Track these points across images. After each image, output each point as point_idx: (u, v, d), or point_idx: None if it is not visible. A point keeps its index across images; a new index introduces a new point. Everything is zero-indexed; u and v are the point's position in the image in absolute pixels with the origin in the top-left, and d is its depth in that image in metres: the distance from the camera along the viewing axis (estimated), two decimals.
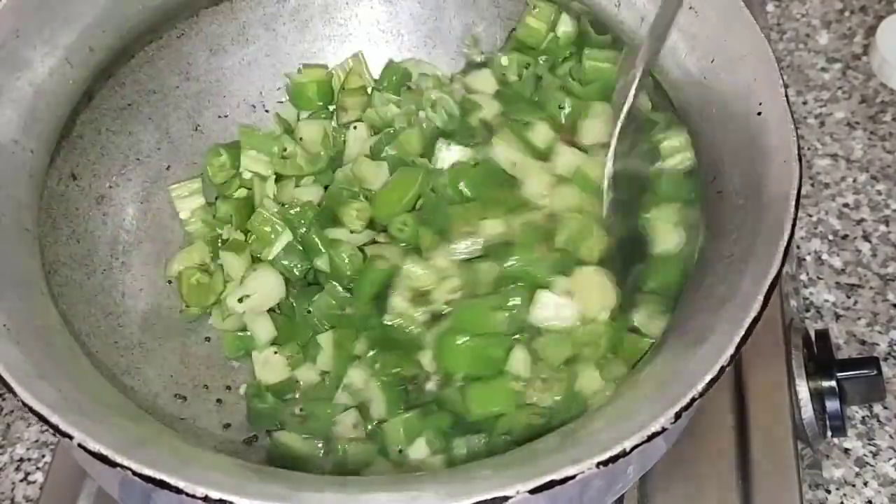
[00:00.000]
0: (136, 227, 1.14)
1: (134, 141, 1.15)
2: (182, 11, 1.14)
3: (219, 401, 1.07)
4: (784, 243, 0.81)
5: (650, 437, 0.73)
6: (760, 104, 0.90)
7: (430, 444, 0.96)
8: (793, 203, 0.83)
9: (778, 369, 1.18)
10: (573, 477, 0.71)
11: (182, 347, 1.11)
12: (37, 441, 1.26)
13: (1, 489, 1.21)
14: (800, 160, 0.86)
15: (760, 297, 0.79)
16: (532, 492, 0.70)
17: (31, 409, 0.75)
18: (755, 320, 0.78)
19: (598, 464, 0.72)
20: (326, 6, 1.23)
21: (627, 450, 0.72)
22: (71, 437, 0.73)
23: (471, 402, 0.95)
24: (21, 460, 1.24)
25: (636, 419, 0.75)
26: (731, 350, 0.76)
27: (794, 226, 0.82)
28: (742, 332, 0.77)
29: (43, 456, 1.24)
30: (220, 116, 1.22)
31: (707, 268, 0.88)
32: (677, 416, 0.74)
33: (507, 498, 0.70)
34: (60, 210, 1.07)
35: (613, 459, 0.72)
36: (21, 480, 1.22)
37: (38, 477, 1.23)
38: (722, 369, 0.76)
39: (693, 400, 0.74)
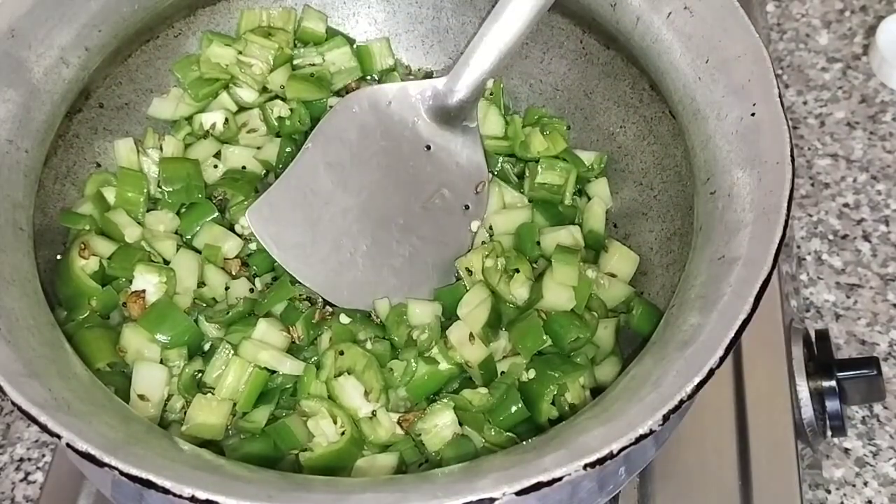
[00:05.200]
0: None
1: None
2: (179, 11, 1.15)
3: None
4: (776, 245, 0.81)
5: (638, 440, 0.73)
6: (754, 105, 0.90)
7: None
8: (785, 204, 0.83)
9: (778, 369, 1.18)
10: (560, 479, 0.71)
11: None
12: (37, 441, 1.26)
13: (1, 489, 1.21)
14: (793, 161, 0.86)
15: (751, 299, 0.79)
16: (519, 493, 0.70)
17: (20, 409, 0.75)
18: (745, 322, 0.77)
19: (586, 465, 0.72)
20: (324, 5, 1.23)
21: (615, 452, 0.72)
22: (59, 437, 0.73)
23: None
24: (21, 460, 1.24)
25: (624, 421, 0.74)
26: (720, 352, 0.76)
27: (786, 227, 0.82)
28: (732, 335, 0.77)
29: (43, 456, 1.24)
30: None
31: (699, 268, 0.87)
32: (665, 418, 0.73)
33: (493, 500, 0.70)
34: (56, 210, 1.07)
35: (601, 461, 0.72)
36: (21, 480, 1.23)
37: (38, 477, 1.23)
38: (711, 372, 0.75)
39: (682, 402, 0.74)
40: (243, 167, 1.15)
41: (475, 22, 1.21)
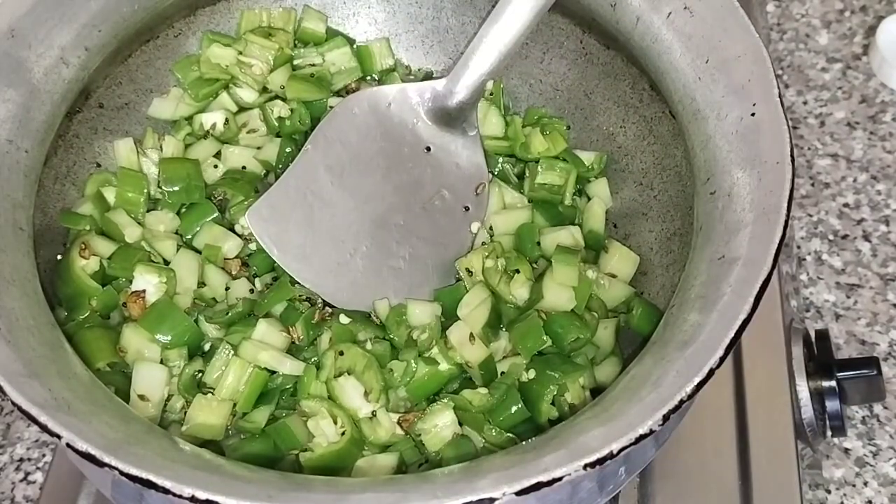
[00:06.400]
0: None
1: None
2: (179, 11, 1.15)
3: None
4: (776, 245, 0.81)
5: (638, 440, 0.73)
6: (754, 105, 0.90)
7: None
8: (785, 204, 0.83)
9: (778, 369, 1.18)
10: (560, 479, 0.71)
11: None
12: (37, 441, 1.26)
13: (1, 489, 1.21)
14: (793, 161, 0.85)
15: (751, 299, 0.79)
16: (519, 493, 0.70)
17: (20, 409, 0.75)
18: (745, 322, 0.77)
19: (586, 465, 0.71)
20: (324, 5, 1.23)
21: (615, 451, 0.72)
22: (59, 437, 0.73)
23: None
24: (21, 460, 1.24)
25: (624, 421, 0.74)
26: (720, 352, 0.76)
27: (786, 227, 0.82)
28: (732, 335, 0.77)
29: (43, 456, 1.24)
30: None
31: (699, 268, 0.87)
32: (665, 418, 0.73)
33: (493, 500, 0.70)
34: (56, 210, 1.07)
35: (601, 461, 0.72)
36: (21, 480, 1.23)
37: (38, 477, 1.23)
38: (711, 372, 0.75)
39: (682, 402, 0.74)
40: (243, 167, 1.15)
41: (475, 22, 1.21)
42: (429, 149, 1.14)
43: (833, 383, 1.17)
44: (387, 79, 1.22)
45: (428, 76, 1.26)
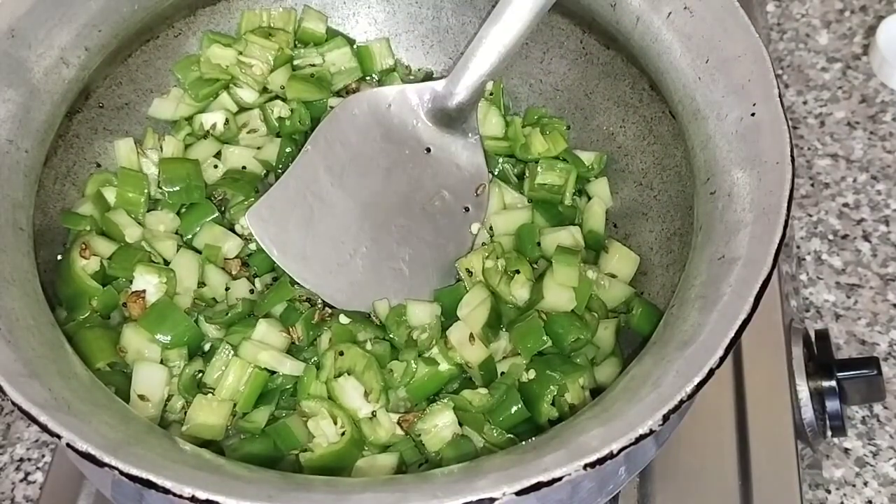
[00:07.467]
0: None
1: None
2: (179, 11, 1.15)
3: None
4: (776, 245, 0.81)
5: (638, 440, 0.73)
6: (754, 105, 0.90)
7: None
8: (785, 204, 0.83)
9: (778, 369, 1.18)
10: (560, 479, 0.71)
11: None
12: (37, 441, 1.26)
13: (1, 489, 1.21)
14: (793, 161, 0.85)
15: (751, 299, 0.79)
16: (519, 493, 0.70)
17: (20, 409, 0.75)
18: (745, 322, 0.77)
19: (586, 465, 0.71)
20: (324, 5, 1.23)
21: (615, 451, 0.72)
22: (59, 437, 0.73)
23: None
24: (21, 460, 1.24)
25: (624, 421, 0.74)
26: (720, 352, 0.76)
27: (786, 227, 0.82)
28: (732, 334, 0.77)
29: (43, 456, 1.24)
30: None
31: (699, 268, 0.87)
32: (665, 418, 0.73)
33: (493, 500, 0.70)
34: (56, 210, 1.07)
35: (601, 461, 0.72)
36: (21, 480, 1.23)
37: (38, 477, 1.23)
38: (711, 372, 0.75)
39: (682, 402, 0.74)
40: (243, 167, 1.15)
41: (475, 22, 1.21)
42: (429, 150, 1.14)
43: (833, 383, 1.17)
44: (387, 79, 1.22)
45: (428, 76, 1.26)
